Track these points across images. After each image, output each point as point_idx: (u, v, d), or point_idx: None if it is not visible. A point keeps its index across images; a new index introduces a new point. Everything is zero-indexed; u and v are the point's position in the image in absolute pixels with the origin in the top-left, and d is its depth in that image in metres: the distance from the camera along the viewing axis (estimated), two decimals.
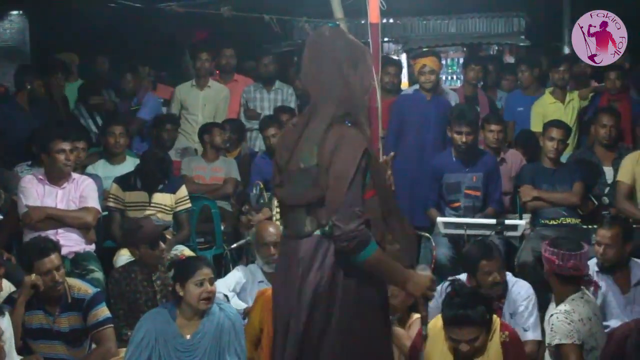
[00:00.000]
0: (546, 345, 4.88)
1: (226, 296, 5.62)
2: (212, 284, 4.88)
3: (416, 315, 5.18)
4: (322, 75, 3.60)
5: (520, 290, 5.35)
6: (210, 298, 4.85)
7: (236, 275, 5.89)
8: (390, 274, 3.61)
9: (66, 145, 6.39)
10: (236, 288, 5.80)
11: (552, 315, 4.84)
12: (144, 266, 5.71)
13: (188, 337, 4.82)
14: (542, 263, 5.11)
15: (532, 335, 5.23)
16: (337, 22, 7.48)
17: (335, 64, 3.58)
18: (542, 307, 5.41)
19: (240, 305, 5.61)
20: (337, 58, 3.59)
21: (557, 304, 4.97)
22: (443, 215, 6.78)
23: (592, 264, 5.57)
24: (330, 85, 3.57)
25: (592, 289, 5.52)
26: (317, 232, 3.54)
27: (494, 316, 4.56)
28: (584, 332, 4.78)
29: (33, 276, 5.07)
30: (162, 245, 5.70)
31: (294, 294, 3.57)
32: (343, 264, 3.50)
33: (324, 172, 3.46)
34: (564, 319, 4.77)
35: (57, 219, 6.33)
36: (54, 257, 5.08)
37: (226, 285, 5.77)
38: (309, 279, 3.53)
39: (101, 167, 7.51)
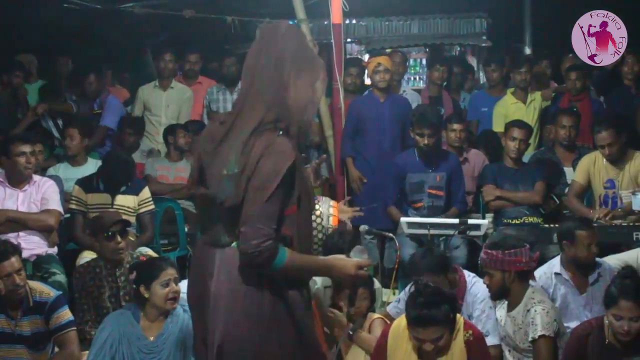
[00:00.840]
0: (529, 341, 4.87)
1: None
2: (177, 283, 4.86)
3: (375, 315, 5.20)
4: (260, 70, 3.25)
5: (478, 292, 5.30)
6: (176, 298, 4.84)
7: None
8: (310, 271, 3.41)
9: (27, 148, 6.35)
10: None
11: (528, 310, 4.87)
12: (107, 261, 5.68)
13: (152, 338, 4.81)
14: None
15: (493, 340, 5.15)
16: (300, 23, 7.50)
17: (278, 63, 3.23)
18: None
19: None
20: (282, 57, 3.24)
21: (515, 307, 5.00)
22: (406, 215, 6.79)
23: (556, 264, 5.62)
24: (265, 83, 3.23)
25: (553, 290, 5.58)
26: (234, 245, 3.23)
27: (458, 315, 4.58)
28: (558, 320, 4.88)
29: None
30: (119, 238, 5.65)
31: (209, 311, 3.26)
32: (263, 276, 3.20)
33: (245, 179, 3.14)
34: (541, 310, 4.84)
35: (18, 222, 6.28)
36: (14, 260, 5.00)
37: None
38: (225, 294, 3.22)
39: (62, 169, 7.46)
